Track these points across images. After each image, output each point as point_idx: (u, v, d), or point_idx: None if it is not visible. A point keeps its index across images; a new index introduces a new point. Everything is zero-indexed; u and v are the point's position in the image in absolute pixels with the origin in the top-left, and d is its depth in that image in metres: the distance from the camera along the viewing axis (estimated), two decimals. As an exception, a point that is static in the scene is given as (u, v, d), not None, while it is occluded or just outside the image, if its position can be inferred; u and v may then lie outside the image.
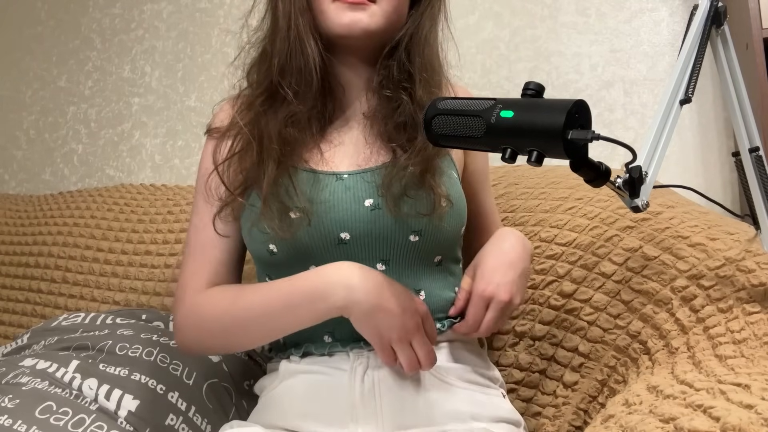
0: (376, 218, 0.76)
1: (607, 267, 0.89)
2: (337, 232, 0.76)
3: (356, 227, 0.76)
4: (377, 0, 0.78)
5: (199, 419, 0.88)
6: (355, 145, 0.82)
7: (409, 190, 0.76)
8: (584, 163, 0.56)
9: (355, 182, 0.78)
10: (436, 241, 0.79)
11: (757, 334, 0.62)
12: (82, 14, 2.05)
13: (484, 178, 0.94)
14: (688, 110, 1.47)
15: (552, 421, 0.90)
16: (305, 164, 0.79)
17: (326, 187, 0.78)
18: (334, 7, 0.77)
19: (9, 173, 2.09)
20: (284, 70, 0.78)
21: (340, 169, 0.80)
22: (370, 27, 0.77)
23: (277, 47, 0.79)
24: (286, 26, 0.78)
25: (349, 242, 0.76)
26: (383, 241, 0.77)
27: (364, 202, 0.77)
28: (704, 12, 0.64)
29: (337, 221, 0.76)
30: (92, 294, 1.41)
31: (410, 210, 0.76)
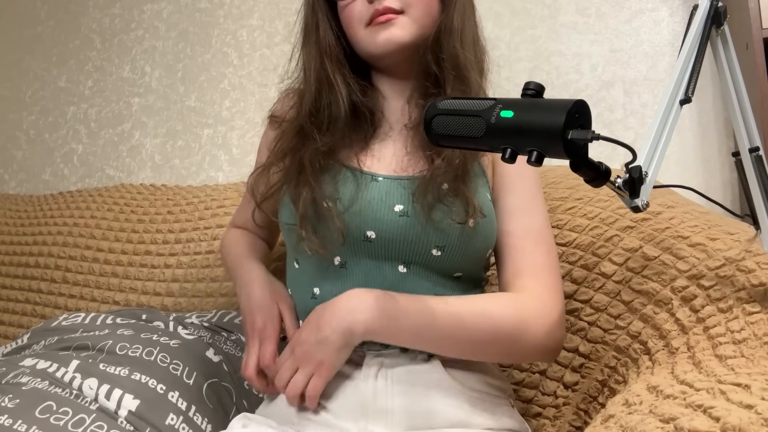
0: (403, 224, 0.78)
1: (607, 267, 0.89)
2: (363, 230, 0.79)
3: (383, 229, 0.79)
4: (405, 9, 0.81)
5: (200, 419, 0.88)
6: (395, 155, 0.85)
7: (444, 197, 0.78)
8: (584, 163, 0.56)
9: (389, 186, 0.81)
10: (457, 258, 0.80)
11: (757, 334, 0.62)
12: (82, 14, 2.05)
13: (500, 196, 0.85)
14: (688, 110, 1.47)
15: (552, 421, 0.90)
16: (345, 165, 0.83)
17: (361, 186, 0.81)
18: (367, 32, 0.82)
19: (9, 173, 2.09)
20: (312, 110, 0.84)
21: (377, 172, 0.83)
22: (404, 39, 0.81)
23: (307, 90, 0.85)
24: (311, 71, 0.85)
25: (374, 241, 0.79)
26: (406, 247, 0.79)
27: (394, 207, 0.79)
28: (704, 12, 0.64)
29: (366, 219, 0.79)
30: (92, 294, 1.41)
31: (443, 217, 0.78)
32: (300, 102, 0.87)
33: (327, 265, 0.81)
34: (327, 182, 0.81)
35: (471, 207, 0.78)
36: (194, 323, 1.07)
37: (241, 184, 1.55)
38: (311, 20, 0.87)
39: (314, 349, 0.74)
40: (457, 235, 0.79)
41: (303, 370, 0.75)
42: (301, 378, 0.75)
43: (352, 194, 0.80)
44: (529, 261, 0.80)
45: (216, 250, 1.34)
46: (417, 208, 0.78)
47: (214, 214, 1.42)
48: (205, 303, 1.29)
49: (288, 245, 0.88)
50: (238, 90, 1.84)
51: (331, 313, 0.75)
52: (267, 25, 1.83)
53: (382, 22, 0.80)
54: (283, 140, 0.86)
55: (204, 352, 0.98)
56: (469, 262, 0.82)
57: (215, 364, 0.97)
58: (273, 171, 0.86)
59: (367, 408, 0.75)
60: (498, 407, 0.80)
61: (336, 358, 0.74)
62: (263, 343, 0.81)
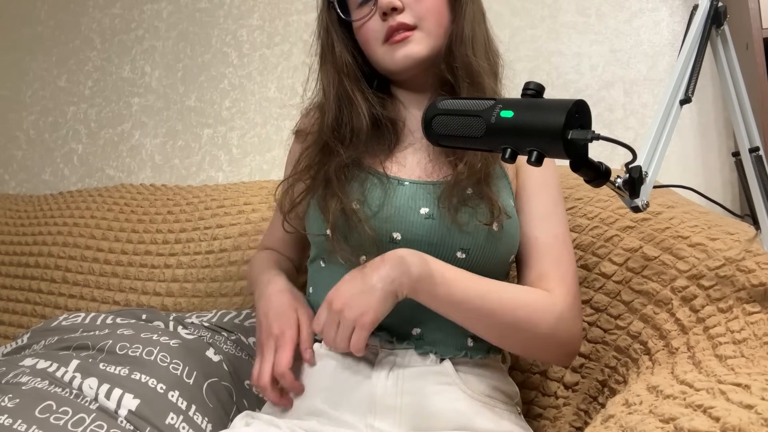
0: (429, 227, 0.79)
1: (607, 267, 0.89)
2: (390, 232, 0.80)
3: (408, 231, 0.80)
4: (418, 24, 0.83)
5: (200, 418, 0.88)
6: (419, 162, 0.86)
7: (468, 200, 0.79)
8: (584, 163, 0.56)
9: (415, 190, 0.82)
10: (481, 262, 0.80)
11: (757, 334, 0.62)
12: (82, 14, 2.05)
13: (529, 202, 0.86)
14: (688, 110, 1.47)
15: (553, 422, 0.90)
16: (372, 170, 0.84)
17: (388, 190, 0.82)
18: (383, 51, 0.84)
19: (9, 173, 2.09)
20: (334, 125, 0.86)
21: (402, 176, 0.84)
22: (422, 54, 0.83)
23: (328, 107, 0.87)
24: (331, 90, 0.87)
25: (399, 242, 0.80)
26: (431, 249, 0.79)
27: (420, 209, 0.80)
28: (704, 12, 0.64)
29: (392, 222, 0.80)
30: (92, 294, 1.41)
31: (469, 219, 0.79)
32: (322, 118, 0.88)
33: (352, 264, 0.81)
34: (355, 189, 0.82)
35: (496, 208, 0.79)
36: (194, 323, 1.07)
37: (242, 184, 1.55)
38: (326, 41, 0.90)
39: (357, 298, 0.72)
40: (483, 237, 0.79)
41: (344, 323, 0.73)
42: (345, 332, 0.73)
43: (380, 199, 0.81)
44: (555, 266, 0.81)
45: (216, 250, 1.34)
46: (443, 212, 0.79)
47: (214, 214, 1.42)
48: (205, 303, 1.29)
49: (314, 244, 0.89)
50: (238, 90, 1.84)
51: (378, 265, 0.74)
52: (267, 25, 1.83)
53: (398, 41, 0.82)
54: (307, 155, 0.88)
55: (204, 351, 0.98)
56: (493, 267, 0.82)
57: (215, 364, 0.97)
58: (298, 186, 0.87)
59: (375, 405, 0.75)
60: (504, 414, 0.80)
61: (380, 307, 0.72)
62: (279, 350, 0.78)
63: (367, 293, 0.72)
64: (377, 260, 0.75)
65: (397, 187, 0.82)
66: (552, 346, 0.78)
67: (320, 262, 0.87)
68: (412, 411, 0.75)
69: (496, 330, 0.77)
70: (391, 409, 0.75)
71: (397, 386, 0.76)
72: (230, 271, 1.30)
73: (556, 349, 0.79)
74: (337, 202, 0.80)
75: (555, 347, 0.78)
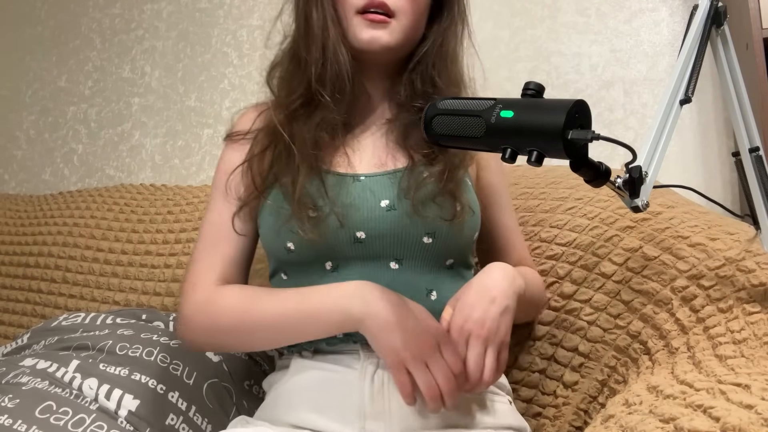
0: (392, 218, 0.78)
1: (607, 267, 0.89)
2: (353, 231, 0.78)
3: (372, 227, 0.78)
4: (397, 14, 0.80)
5: (200, 419, 0.88)
6: (374, 150, 0.85)
7: (436, 196, 0.78)
8: (584, 163, 0.56)
9: (373, 183, 0.81)
10: (448, 244, 0.81)
11: (757, 334, 0.62)
12: (82, 14, 2.05)
13: (498, 195, 0.93)
14: (688, 110, 1.47)
15: (552, 421, 0.90)
16: (328, 167, 0.82)
17: (345, 188, 0.80)
18: (356, 21, 0.80)
19: (9, 173, 2.09)
20: (321, 78, 0.80)
21: (358, 171, 0.82)
22: (390, 43, 0.81)
23: (312, 55, 0.80)
24: (321, 35, 0.80)
25: (364, 241, 0.78)
26: (397, 240, 0.78)
27: (380, 202, 0.79)
28: (704, 12, 0.64)
29: (354, 221, 0.78)
30: (92, 294, 1.41)
31: (434, 215, 0.78)
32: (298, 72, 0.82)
33: (318, 270, 0.80)
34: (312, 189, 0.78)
35: (460, 204, 0.79)
36: (194, 323, 1.07)
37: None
38: None
39: (499, 320, 0.72)
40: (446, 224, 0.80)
41: (492, 347, 0.71)
42: (493, 356, 0.71)
43: (337, 198, 0.79)
44: (525, 248, 0.97)
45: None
46: (405, 202, 0.78)
47: (214, 214, 1.42)
48: (205, 303, 1.28)
49: (273, 257, 0.84)
50: (238, 90, 1.84)
51: (494, 281, 0.74)
52: (267, 25, 1.83)
53: (375, 21, 0.79)
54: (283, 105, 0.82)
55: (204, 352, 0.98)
56: (460, 247, 0.83)
57: (215, 365, 0.97)
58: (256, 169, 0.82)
59: (364, 410, 0.74)
60: (496, 405, 0.80)
61: (510, 325, 0.74)
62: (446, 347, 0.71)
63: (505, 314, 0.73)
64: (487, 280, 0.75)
65: (353, 184, 0.81)
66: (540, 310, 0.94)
67: (281, 275, 0.84)
68: (401, 412, 0.74)
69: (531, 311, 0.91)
70: (381, 412, 0.74)
71: (383, 389, 0.75)
72: (230, 271, 1.30)
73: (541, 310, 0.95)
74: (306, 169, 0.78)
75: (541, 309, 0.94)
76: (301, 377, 0.79)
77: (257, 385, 0.99)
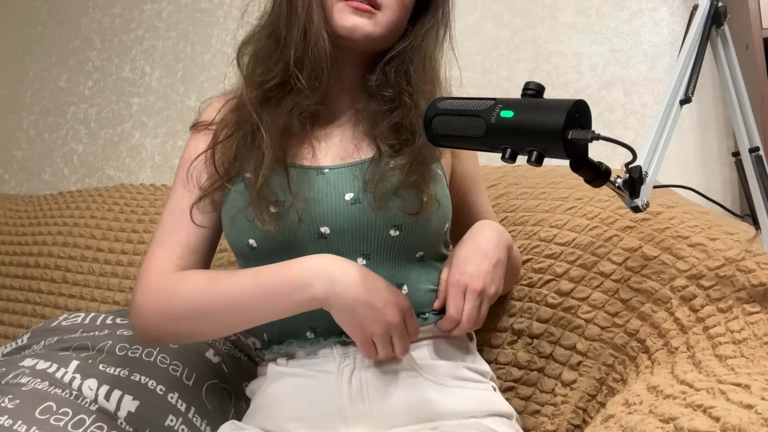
0: (356, 212, 0.76)
1: (606, 266, 0.89)
2: (317, 226, 0.76)
3: (336, 221, 0.76)
4: (381, 8, 0.79)
5: (199, 420, 0.88)
6: (341, 141, 0.83)
7: (399, 189, 0.76)
8: (584, 163, 0.56)
9: (336, 176, 0.78)
10: (416, 236, 0.79)
11: (757, 334, 0.62)
12: (82, 14, 2.05)
13: (474, 181, 0.95)
14: (688, 110, 1.47)
15: (551, 419, 0.90)
16: (293, 159, 0.79)
17: (308, 182, 0.78)
18: (340, 6, 0.78)
19: (9, 173, 2.09)
20: (300, 62, 0.77)
21: (322, 164, 0.80)
22: (372, 34, 0.78)
23: (293, 37, 0.77)
24: (305, 17, 0.77)
25: (329, 236, 0.76)
26: (363, 235, 0.77)
27: (344, 196, 0.77)
28: (704, 12, 0.64)
29: (317, 215, 0.76)
30: (92, 294, 1.41)
31: (397, 209, 0.77)
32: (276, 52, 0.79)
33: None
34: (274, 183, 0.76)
35: (426, 196, 0.77)
36: (194, 323, 1.07)
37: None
38: None
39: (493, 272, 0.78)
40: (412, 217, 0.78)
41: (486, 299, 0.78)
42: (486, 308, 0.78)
43: (297, 193, 0.76)
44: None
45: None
46: (369, 195, 0.76)
47: (214, 214, 1.42)
48: (205, 303, 1.29)
49: (238, 257, 0.82)
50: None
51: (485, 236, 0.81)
52: (267, 25, 1.83)
53: (359, 9, 0.77)
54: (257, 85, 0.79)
55: (204, 353, 0.98)
56: (429, 239, 0.81)
57: (215, 365, 0.97)
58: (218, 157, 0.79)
59: (345, 413, 0.74)
60: (480, 393, 0.79)
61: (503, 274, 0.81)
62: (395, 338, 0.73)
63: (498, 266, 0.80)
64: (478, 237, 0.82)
65: (317, 177, 0.78)
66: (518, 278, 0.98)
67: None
68: (382, 412, 0.74)
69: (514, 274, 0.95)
70: (362, 414, 0.74)
71: (362, 391, 0.74)
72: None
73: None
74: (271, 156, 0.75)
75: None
76: (277, 385, 0.78)
77: (257, 385, 0.99)
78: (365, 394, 0.74)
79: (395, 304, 0.72)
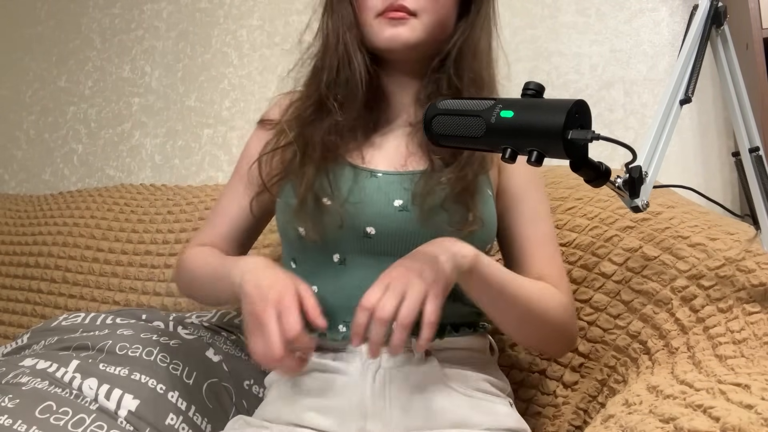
0: (403, 219, 0.78)
1: (607, 267, 0.89)
2: (363, 226, 0.79)
3: (382, 224, 0.79)
4: (418, 13, 0.81)
5: (199, 419, 0.88)
6: (396, 150, 0.85)
7: (446, 202, 0.78)
8: (584, 163, 0.56)
9: (389, 182, 0.81)
10: None
11: (757, 334, 0.62)
12: (82, 14, 2.05)
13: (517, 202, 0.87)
14: (688, 110, 1.47)
15: (552, 420, 0.90)
16: (345, 160, 0.83)
17: (360, 183, 0.81)
18: (376, 23, 0.82)
19: (9, 173, 2.09)
20: (332, 83, 0.83)
21: (375, 168, 0.83)
22: (410, 41, 0.81)
23: (327, 62, 0.84)
24: (335, 41, 0.83)
25: (374, 237, 0.79)
26: (406, 241, 0.78)
27: (393, 201, 0.79)
28: (704, 12, 0.64)
29: (365, 216, 0.79)
30: (92, 294, 1.41)
31: (442, 222, 0.78)
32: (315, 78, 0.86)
33: (326, 262, 0.81)
34: (329, 176, 0.80)
35: (471, 215, 0.78)
36: (194, 323, 1.07)
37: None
38: None
39: (425, 266, 0.66)
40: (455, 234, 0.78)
41: (413, 291, 0.64)
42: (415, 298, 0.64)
43: (351, 189, 0.80)
44: (551, 264, 0.84)
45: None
46: (417, 206, 0.78)
47: (214, 214, 1.42)
48: (205, 303, 1.29)
49: (286, 242, 0.87)
50: (238, 90, 1.84)
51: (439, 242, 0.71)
52: (267, 25, 1.83)
53: (394, 18, 0.80)
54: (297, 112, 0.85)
55: (204, 352, 0.98)
56: None
57: (215, 364, 0.97)
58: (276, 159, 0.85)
59: (365, 408, 0.75)
60: (497, 407, 0.80)
61: (452, 275, 0.68)
62: (284, 314, 0.66)
63: (434, 261, 0.67)
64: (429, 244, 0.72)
65: (369, 179, 0.81)
66: (562, 339, 0.83)
67: (291, 263, 0.86)
68: (402, 413, 0.74)
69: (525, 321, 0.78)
70: (382, 411, 0.74)
71: (384, 389, 0.75)
72: (230, 271, 1.30)
73: (565, 341, 0.83)
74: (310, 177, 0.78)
75: (564, 339, 0.83)
76: (302, 376, 0.79)
77: (257, 385, 0.99)
78: (387, 392, 0.75)
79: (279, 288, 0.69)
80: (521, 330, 0.80)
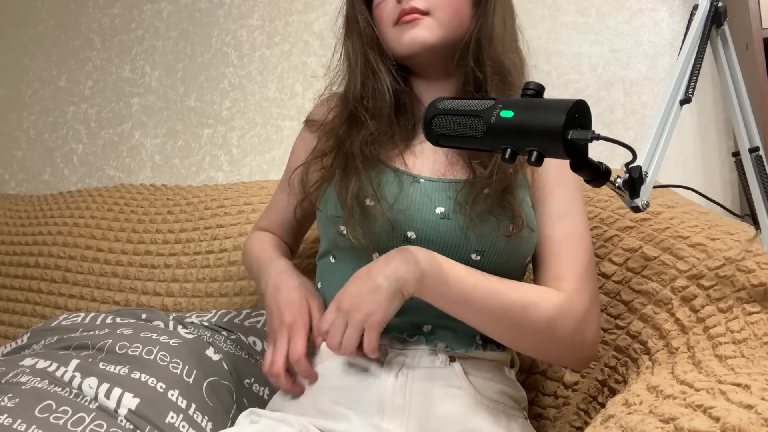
0: (444, 227, 0.78)
1: (607, 267, 0.89)
2: (404, 230, 0.79)
3: (423, 230, 0.79)
4: (431, 11, 0.82)
5: (200, 417, 0.88)
6: (434, 158, 0.85)
7: (493, 209, 0.78)
8: (584, 163, 0.56)
9: (431, 188, 0.81)
10: (496, 264, 0.79)
11: (757, 334, 0.62)
12: (82, 14, 2.05)
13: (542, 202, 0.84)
14: (688, 110, 1.46)
15: (552, 422, 0.90)
16: (387, 165, 0.83)
17: (405, 188, 0.81)
18: (394, 32, 0.84)
19: (9, 173, 2.09)
20: (360, 96, 0.86)
21: (418, 173, 0.83)
22: (428, 40, 0.82)
23: (353, 80, 0.88)
24: (357, 61, 0.87)
25: (413, 241, 0.79)
26: (446, 249, 0.78)
27: (435, 209, 0.79)
28: (704, 12, 0.64)
29: (407, 220, 0.79)
30: (92, 294, 1.41)
31: (491, 230, 0.77)
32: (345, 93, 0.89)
33: (365, 260, 0.80)
34: (372, 180, 0.81)
35: (519, 220, 0.78)
36: (194, 323, 1.07)
37: (242, 184, 1.55)
38: (352, 14, 0.90)
39: (365, 298, 0.72)
40: (501, 241, 0.78)
41: (353, 324, 0.72)
42: (354, 333, 0.72)
43: (395, 194, 0.80)
44: (571, 266, 0.79)
45: (216, 250, 1.34)
46: (459, 213, 0.78)
47: (214, 214, 1.42)
48: (205, 303, 1.29)
49: (325, 239, 0.88)
50: (238, 90, 1.84)
51: (385, 263, 0.73)
52: (267, 25, 1.83)
53: (407, 22, 0.82)
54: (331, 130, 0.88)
55: (204, 350, 0.98)
56: (508, 269, 0.80)
57: (215, 363, 0.97)
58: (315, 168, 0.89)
59: (384, 404, 0.75)
60: (512, 420, 0.79)
61: (388, 307, 0.71)
62: (293, 338, 0.79)
63: (374, 293, 0.72)
64: (383, 258, 0.74)
65: (412, 184, 0.81)
66: (568, 350, 0.76)
67: (330, 258, 0.87)
68: (420, 413, 0.74)
69: (509, 331, 0.75)
70: (399, 409, 0.74)
71: (405, 387, 0.75)
72: (230, 271, 1.30)
73: (572, 352, 0.77)
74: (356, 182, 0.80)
75: (571, 350, 0.76)
76: (326, 364, 0.80)
77: (257, 383, 0.99)
78: (408, 390, 0.75)
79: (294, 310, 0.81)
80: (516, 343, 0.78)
